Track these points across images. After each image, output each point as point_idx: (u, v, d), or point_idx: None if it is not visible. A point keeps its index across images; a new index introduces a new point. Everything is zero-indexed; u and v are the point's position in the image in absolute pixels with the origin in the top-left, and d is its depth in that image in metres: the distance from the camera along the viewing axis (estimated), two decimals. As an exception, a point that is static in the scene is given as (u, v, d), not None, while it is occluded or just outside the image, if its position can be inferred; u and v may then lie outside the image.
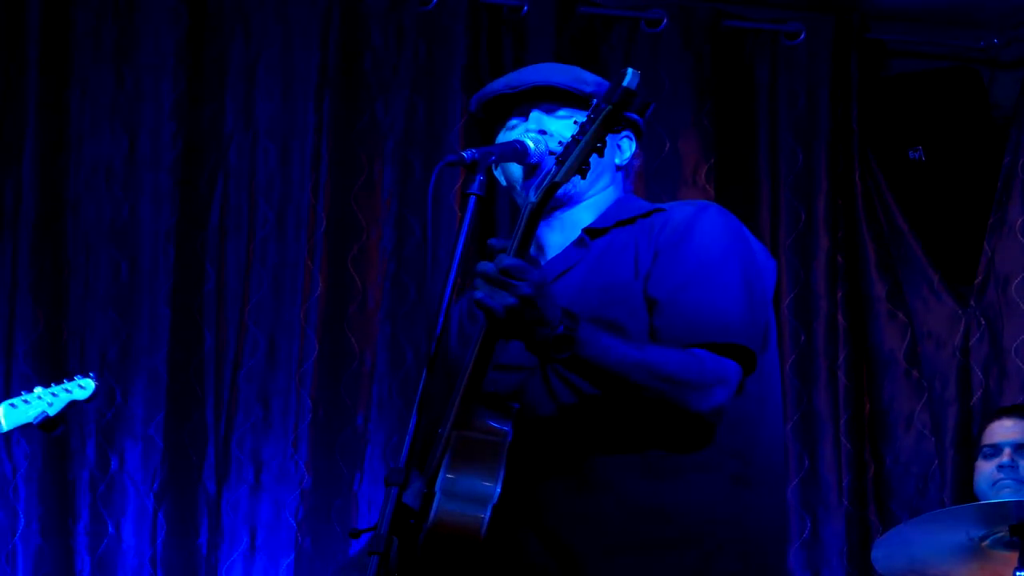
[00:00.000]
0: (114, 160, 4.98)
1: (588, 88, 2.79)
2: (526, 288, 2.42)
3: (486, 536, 2.46)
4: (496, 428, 2.55)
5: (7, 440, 4.77)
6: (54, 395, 4.13)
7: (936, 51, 5.62)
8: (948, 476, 5.25)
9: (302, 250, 5.02)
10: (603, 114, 2.44)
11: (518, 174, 2.80)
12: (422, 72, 5.19)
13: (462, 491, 2.48)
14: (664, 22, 5.34)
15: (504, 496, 2.48)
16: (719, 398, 2.58)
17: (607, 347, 2.51)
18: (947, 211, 5.44)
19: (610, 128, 2.46)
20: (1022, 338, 5.29)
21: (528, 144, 2.74)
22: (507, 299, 2.42)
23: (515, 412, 2.57)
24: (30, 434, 4.77)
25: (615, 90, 2.43)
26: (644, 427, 2.62)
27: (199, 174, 5.04)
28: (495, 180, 2.92)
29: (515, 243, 2.49)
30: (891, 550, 4.27)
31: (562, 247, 2.81)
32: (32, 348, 4.81)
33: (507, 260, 2.43)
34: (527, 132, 2.78)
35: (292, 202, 5.06)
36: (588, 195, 2.83)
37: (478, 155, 2.65)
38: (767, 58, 5.47)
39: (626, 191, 2.90)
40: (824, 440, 5.27)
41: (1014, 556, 4.03)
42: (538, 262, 2.62)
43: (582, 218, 2.82)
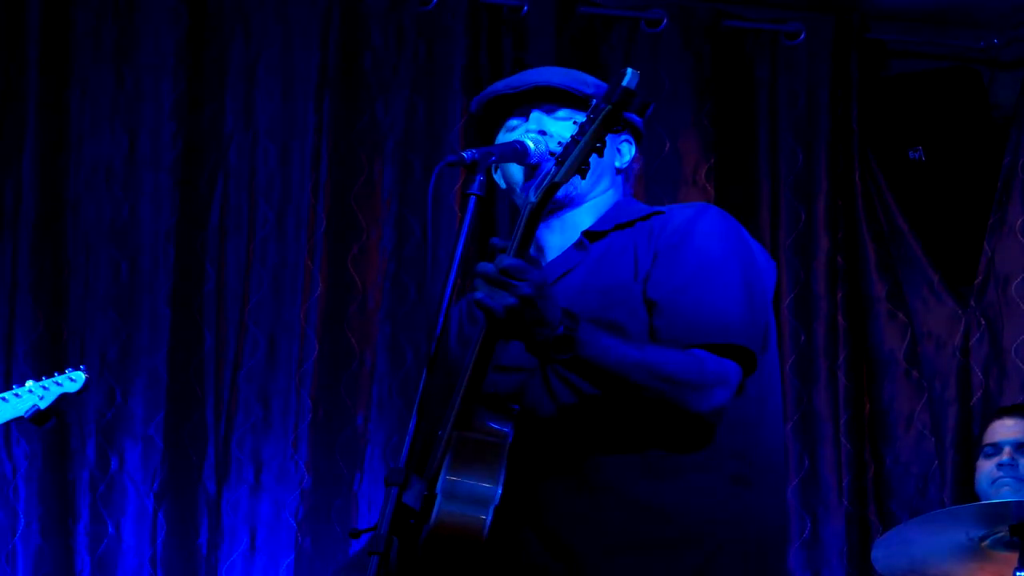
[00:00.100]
0: (114, 160, 4.98)
1: (588, 89, 2.79)
2: (526, 288, 2.41)
3: (487, 537, 2.46)
4: (497, 429, 2.54)
5: (7, 440, 4.77)
6: (45, 388, 4.13)
7: (936, 51, 5.62)
8: (948, 476, 5.24)
9: (302, 250, 5.02)
10: (602, 114, 2.44)
11: (518, 176, 2.80)
12: (422, 72, 5.19)
13: (463, 492, 2.48)
14: (664, 22, 5.34)
15: (504, 497, 2.48)
16: (719, 399, 2.58)
17: (607, 347, 2.51)
18: (947, 211, 5.44)
19: (610, 128, 2.45)
20: (1022, 338, 5.29)
21: (528, 144, 2.73)
22: (507, 299, 2.41)
23: (515, 413, 2.57)
24: (30, 434, 4.77)
25: (615, 90, 2.43)
26: (644, 428, 2.62)
27: (199, 174, 5.04)
28: (495, 181, 2.92)
29: (515, 243, 2.48)
30: (891, 550, 4.28)
31: (561, 249, 2.81)
32: (32, 348, 4.81)
33: (507, 260, 2.43)
34: (527, 133, 2.78)
35: (292, 202, 5.06)
36: (588, 198, 2.83)
37: (478, 155, 2.65)
38: (767, 58, 5.47)
39: (626, 194, 2.90)
40: (824, 440, 5.28)
41: (1014, 556, 4.03)
42: (539, 262, 2.62)
43: (581, 221, 2.82)
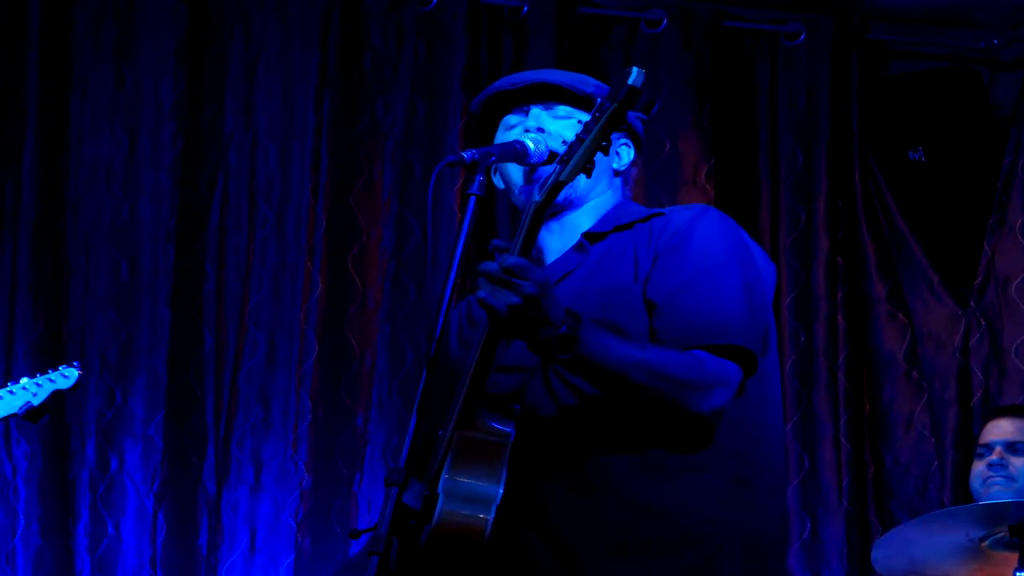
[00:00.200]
0: (114, 160, 4.98)
1: (588, 89, 2.79)
2: (530, 287, 2.41)
3: (488, 538, 2.46)
4: (498, 429, 2.54)
5: (7, 440, 4.77)
6: (38, 385, 4.14)
7: (936, 51, 5.62)
8: (948, 477, 5.24)
9: (302, 250, 5.02)
10: (608, 112, 2.44)
11: (517, 177, 2.80)
12: (422, 72, 5.19)
13: (465, 492, 2.47)
14: (664, 23, 5.34)
15: (506, 497, 2.48)
16: (720, 399, 2.58)
17: (609, 347, 2.51)
18: (947, 212, 5.44)
19: (615, 126, 2.45)
20: (1022, 339, 5.29)
21: (528, 145, 2.73)
22: (510, 298, 2.41)
23: (517, 413, 2.57)
24: (30, 434, 4.77)
25: (620, 88, 2.43)
26: (645, 428, 2.62)
27: (199, 174, 5.04)
28: (494, 182, 2.92)
29: (518, 243, 2.49)
30: (891, 551, 4.27)
31: (561, 252, 2.81)
32: (32, 348, 4.81)
33: (510, 259, 2.42)
34: (526, 131, 2.78)
35: (292, 202, 5.06)
36: (587, 200, 2.83)
37: (478, 155, 2.64)
38: (767, 59, 5.47)
39: (624, 197, 2.90)
40: (824, 441, 5.27)
41: (1014, 557, 4.03)
42: (541, 262, 2.62)
43: (581, 223, 2.82)
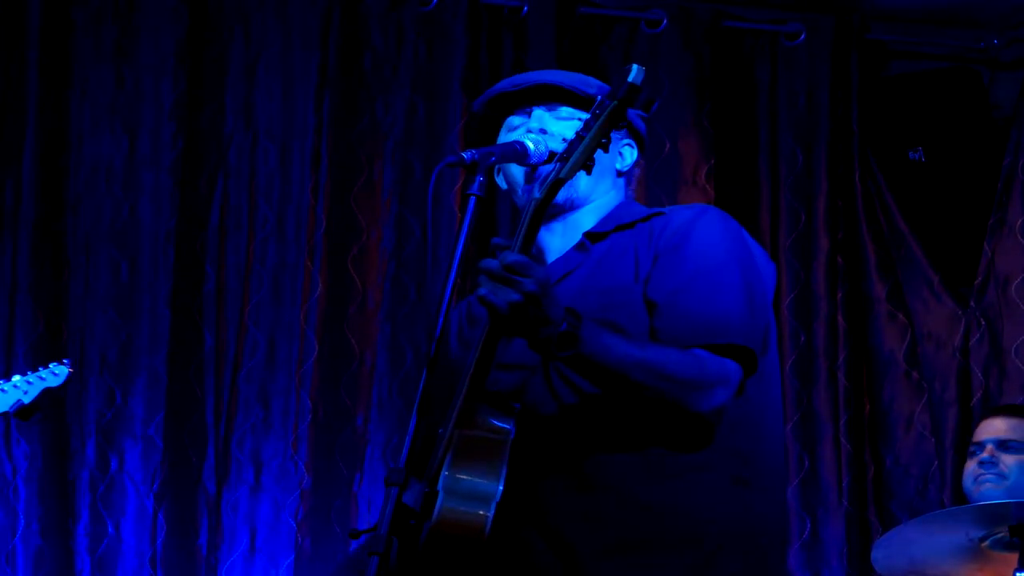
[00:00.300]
0: (114, 160, 4.98)
1: (591, 90, 2.79)
2: (530, 285, 2.41)
3: (488, 535, 2.46)
4: (498, 427, 2.54)
5: (7, 441, 4.77)
6: (29, 383, 4.14)
7: (936, 51, 5.62)
8: (948, 477, 5.24)
9: (302, 251, 5.02)
10: (608, 109, 2.44)
11: (519, 176, 2.80)
12: (422, 72, 5.19)
13: (465, 490, 2.48)
14: (664, 23, 5.34)
15: (506, 495, 2.48)
16: (720, 398, 2.59)
17: (609, 346, 2.51)
18: (947, 212, 5.44)
19: (615, 123, 2.46)
20: (1022, 339, 5.29)
21: (528, 145, 2.73)
22: (511, 295, 2.41)
23: (517, 411, 2.57)
24: (30, 434, 4.77)
25: (620, 85, 2.43)
26: (645, 427, 2.62)
27: (199, 174, 5.04)
28: (496, 182, 2.92)
29: (519, 240, 2.48)
30: (891, 551, 4.27)
31: (562, 252, 2.81)
32: (32, 348, 4.81)
33: (511, 256, 2.42)
34: (528, 132, 2.78)
35: (292, 202, 5.06)
36: (589, 200, 2.83)
37: (478, 156, 2.65)
38: (767, 59, 5.47)
39: (627, 198, 2.90)
40: (824, 441, 5.27)
41: (1014, 557, 4.03)
42: (543, 261, 2.62)
43: (583, 223, 2.82)
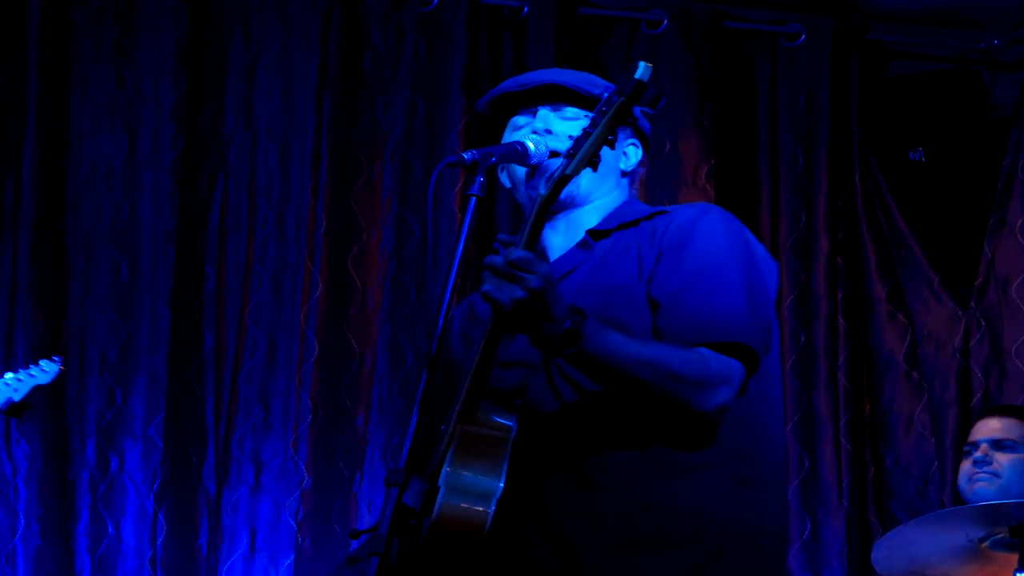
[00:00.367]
0: (114, 160, 4.98)
1: (596, 90, 2.78)
2: (535, 281, 2.41)
3: (489, 532, 2.46)
4: (500, 424, 2.54)
5: (7, 441, 4.77)
6: (19, 380, 4.14)
7: (936, 52, 5.62)
8: (948, 477, 5.24)
9: (302, 251, 5.02)
10: (615, 106, 2.44)
11: (522, 175, 2.80)
12: (422, 72, 5.19)
13: (466, 486, 2.48)
14: (664, 23, 5.34)
15: (506, 492, 2.48)
16: (723, 397, 2.59)
17: (612, 343, 2.51)
18: (947, 212, 5.44)
19: (622, 120, 2.46)
20: (1022, 339, 5.29)
21: (528, 145, 2.74)
22: (515, 292, 2.41)
23: (519, 408, 2.57)
24: (30, 434, 4.77)
25: (627, 82, 2.43)
26: (647, 425, 2.62)
27: (199, 174, 5.04)
28: (495, 181, 2.91)
29: (523, 237, 2.49)
30: (891, 551, 4.27)
31: (565, 249, 2.81)
32: (32, 348, 4.80)
33: (516, 253, 2.42)
34: (533, 132, 2.78)
35: (292, 203, 5.06)
36: (593, 199, 2.83)
37: (478, 156, 2.64)
38: (767, 59, 5.47)
39: (631, 197, 2.90)
40: (824, 441, 5.27)
41: (1014, 557, 4.03)
42: (545, 256, 2.62)
43: (586, 221, 2.82)
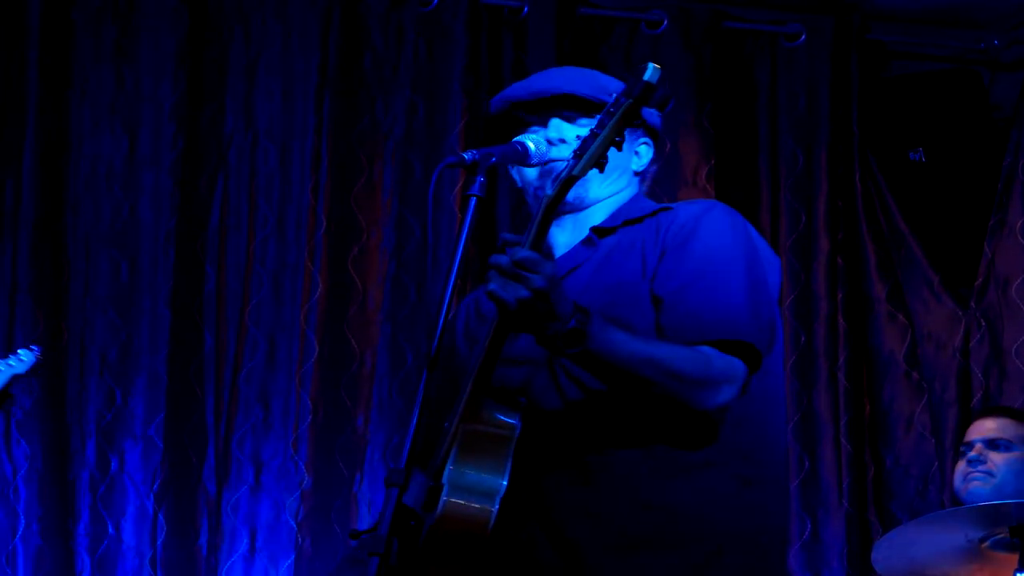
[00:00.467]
0: (114, 160, 4.98)
1: (609, 98, 2.77)
2: (540, 281, 2.41)
3: (492, 530, 2.46)
4: (504, 422, 2.54)
5: (7, 441, 4.77)
6: None
7: (936, 52, 5.62)
8: (948, 478, 5.23)
9: (302, 251, 5.02)
10: (623, 108, 2.44)
11: (532, 176, 2.80)
12: (422, 72, 5.19)
13: (469, 484, 2.48)
14: (664, 23, 5.34)
15: (509, 490, 2.48)
16: (725, 396, 2.59)
17: (617, 342, 2.51)
18: (947, 213, 5.44)
19: (630, 122, 2.46)
20: (1022, 339, 5.29)
21: (529, 145, 2.73)
22: (520, 291, 2.41)
23: (523, 406, 2.58)
24: (30, 434, 4.77)
25: (635, 84, 2.43)
26: (650, 424, 2.62)
27: (199, 174, 5.04)
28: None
29: (530, 236, 2.49)
30: (891, 551, 4.27)
31: (569, 246, 2.81)
32: (32, 348, 4.81)
33: (522, 252, 2.42)
34: (548, 143, 2.77)
35: (292, 203, 5.06)
36: (602, 198, 2.83)
37: (478, 156, 2.64)
38: (767, 59, 5.47)
39: (639, 193, 2.90)
40: (824, 441, 5.28)
41: (1014, 558, 4.02)
42: (551, 255, 2.63)
43: (593, 219, 2.82)
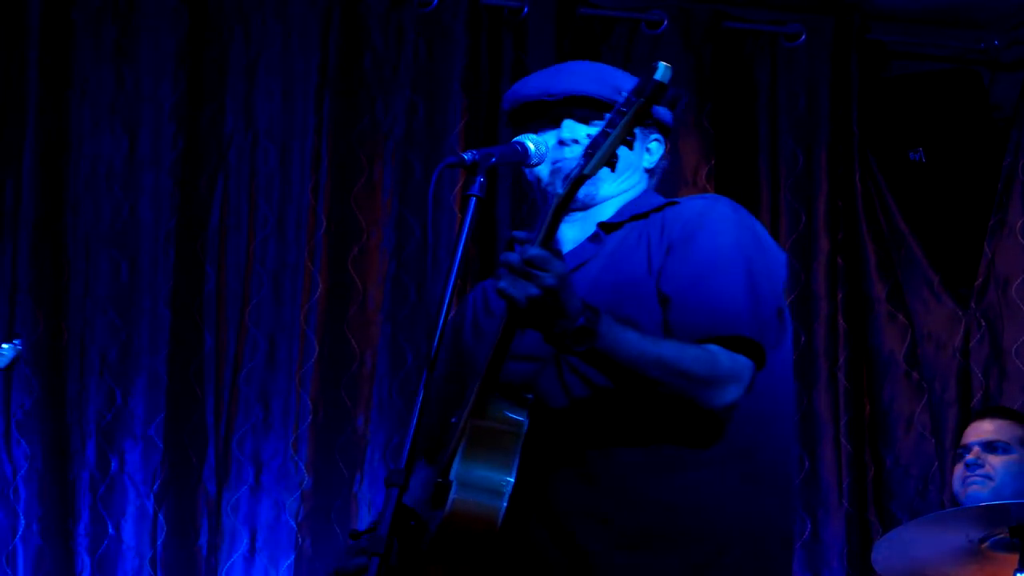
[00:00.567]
0: (114, 160, 4.98)
1: (620, 96, 2.77)
2: (550, 279, 2.42)
3: (500, 527, 2.47)
4: (512, 419, 2.55)
5: (7, 441, 4.77)
6: None
7: (936, 52, 5.62)
8: (948, 478, 5.24)
9: (302, 251, 5.02)
10: (634, 108, 2.44)
11: (544, 172, 2.81)
12: (422, 72, 5.19)
13: (477, 481, 2.49)
14: (664, 23, 5.34)
15: (515, 487, 2.49)
16: (732, 395, 2.59)
17: (624, 341, 2.52)
18: (947, 213, 5.44)
19: (640, 122, 2.46)
20: (1022, 340, 5.29)
21: (529, 145, 2.74)
22: (530, 289, 2.42)
23: (531, 402, 2.58)
24: (30, 434, 4.77)
25: (646, 84, 2.43)
26: (655, 422, 2.63)
27: (199, 174, 5.04)
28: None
29: (540, 235, 2.49)
30: (891, 552, 4.27)
31: (577, 242, 2.81)
32: (32, 349, 4.80)
33: (532, 251, 2.43)
34: (560, 142, 2.77)
35: (292, 203, 5.06)
36: (612, 195, 2.83)
37: (478, 156, 2.64)
38: (767, 59, 5.47)
39: (648, 188, 2.90)
40: (824, 441, 5.28)
41: (1014, 558, 4.02)
42: (561, 254, 2.64)
43: (601, 214, 2.83)
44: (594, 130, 2.73)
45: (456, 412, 2.61)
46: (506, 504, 2.47)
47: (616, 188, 2.82)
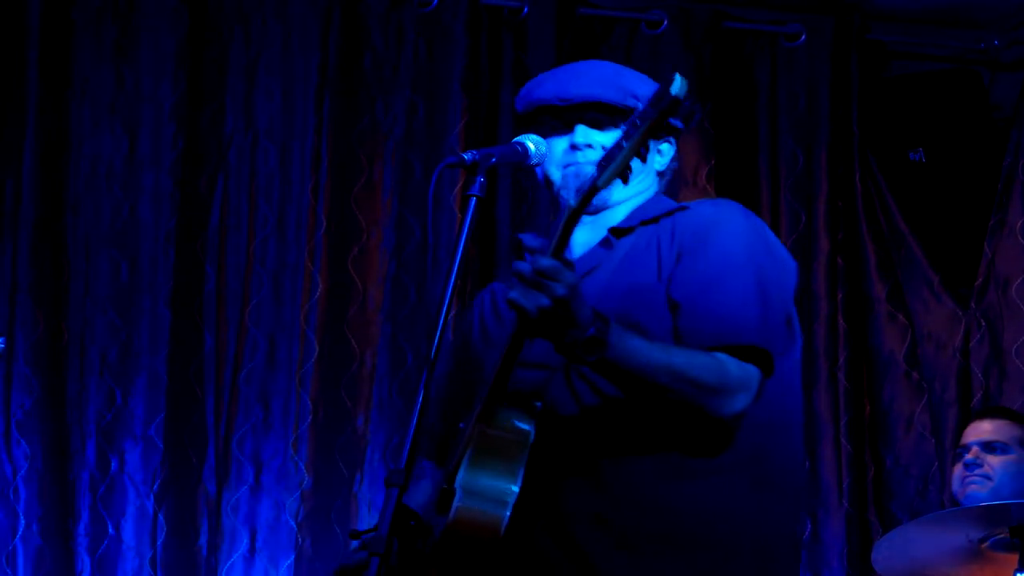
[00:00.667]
0: (114, 160, 4.98)
1: (633, 102, 2.76)
2: (561, 290, 2.42)
3: (503, 536, 2.47)
4: (519, 427, 2.56)
5: (7, 441, 4.77)
6: None
7: (936, 52, 5.62)
8: (948, 478, 5.24)
9: (302, 251, 5.02)
10: (649, 121, 2.43)
11: (555, 176, 2.81)
12: (422, 72, 5.19)
13: (482, 489, 2.49)
14: (664, 23, 5.34)
15: (521, 494, 2.49)
16: (741, 403, 2.59)
17: (634, 349, 2.52)
18: (947, 213, 5.44)
19: (655, 135, 2.45)
20: (1022, 339, 5.29)
21: (528, 146, 2.74)
22: (541, 300, 2.42)
23: (539, 411, 2.58)
24: (30, 434, 4.77)
25: (662, 97, 2.42)
26: (664, 430, 2.63)
27: (199, 174, 5.04)
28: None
29: (552, 245, 2.49)
30: (891, 552, 4.28)
31: (588, 246, 2.82)
32: (32, 349, 4.81)
33: (543, 261, 2.43)
34: (573, 147, 2.78)
35: (292, 203, 5.06)
36: (625, 200, 2.83)
37: (478, 156, 2.64)
38: (767, 59, 5.47)
39: (659, 191, 2.90)
40: (824, 441, 5.28)
41: (1014, 558, 4.03)
42: (572, 264, 2.65)
43: (612, 218, 2.83)
44: (606, 136, 2.75)
45: (464, 417, 2.61)
46: (509, 513, 2.47)
47: (627, 193, 2.82)
